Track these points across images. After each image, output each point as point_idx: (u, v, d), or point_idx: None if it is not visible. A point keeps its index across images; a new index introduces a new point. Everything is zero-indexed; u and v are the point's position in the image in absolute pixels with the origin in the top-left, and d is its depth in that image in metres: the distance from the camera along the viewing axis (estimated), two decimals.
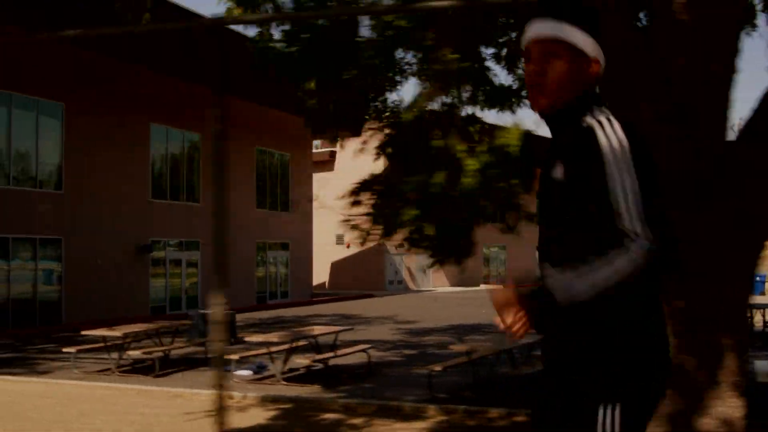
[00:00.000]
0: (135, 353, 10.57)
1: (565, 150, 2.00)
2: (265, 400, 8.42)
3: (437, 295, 33.75)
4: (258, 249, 28.26)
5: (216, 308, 3.27)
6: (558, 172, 1.99)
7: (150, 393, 8.99)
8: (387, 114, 7.36)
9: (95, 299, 20.49)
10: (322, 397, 8.56)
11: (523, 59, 2.13)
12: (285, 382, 9.67)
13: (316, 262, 33.25)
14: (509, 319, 1.98)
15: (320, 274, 36.76)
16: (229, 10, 8.14)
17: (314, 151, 34.04)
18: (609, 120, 1.95)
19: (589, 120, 1.97)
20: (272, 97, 23.38)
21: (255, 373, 10.61)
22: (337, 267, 37.70)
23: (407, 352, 12.95)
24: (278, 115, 25.04)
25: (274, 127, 27.65)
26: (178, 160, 24.55)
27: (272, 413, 7.80)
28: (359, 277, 36.51)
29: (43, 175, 19.65)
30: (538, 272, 2.11)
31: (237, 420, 7.40)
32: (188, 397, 8.71)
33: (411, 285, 37.95)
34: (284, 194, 29.90)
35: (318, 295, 32.09)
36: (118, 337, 10.47)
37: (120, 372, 10.45)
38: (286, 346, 10.13)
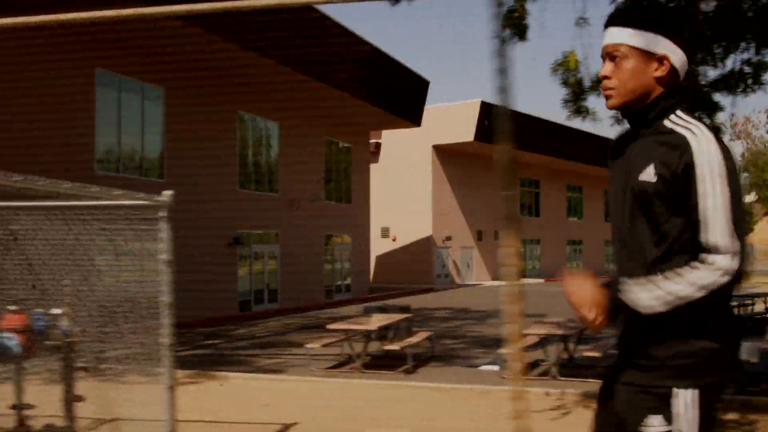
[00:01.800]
0: (391, 347, 9.70)
1: (656, 154, 1.98)
2: (587, 397, 7.79)
3: (494, 288, 33.22)
4: (325, 242, 27.44)
5: None
6: (648, 174, 1.97)
7: (449, 391, 8.28)
8: None
9: (190, 294, 19.52)
10: None
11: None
12: (563, 378, 9.02)
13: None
14: (591, 315, 2.00)
15: None
16: None
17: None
18: (700, 129, 1.94)
19: (676, 125, 1.98)
20: (343, 78, 22.57)
21: (502, 368, 9.94)
22: (381, 261, 36.96)
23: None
24: (343, 103, 24.24)
25: (338, 116, 26.83)
26: (260, 150, 23.65)
27: None
28: (405, 271, 35.81)
29: (146, 162, 18.64)
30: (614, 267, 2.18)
31: None
32: (496, 394, 8.01)
33: (456, 279, 37.37)
34: (346, 186, 29.10)
35: (374, 290, 31.31)
36: (360, 331, 9.70)
37: (364, 368, 9.65)
38: (533, 340, 9.44)
